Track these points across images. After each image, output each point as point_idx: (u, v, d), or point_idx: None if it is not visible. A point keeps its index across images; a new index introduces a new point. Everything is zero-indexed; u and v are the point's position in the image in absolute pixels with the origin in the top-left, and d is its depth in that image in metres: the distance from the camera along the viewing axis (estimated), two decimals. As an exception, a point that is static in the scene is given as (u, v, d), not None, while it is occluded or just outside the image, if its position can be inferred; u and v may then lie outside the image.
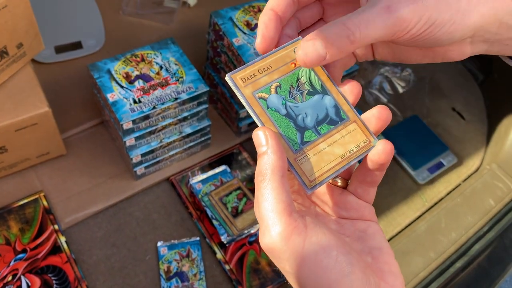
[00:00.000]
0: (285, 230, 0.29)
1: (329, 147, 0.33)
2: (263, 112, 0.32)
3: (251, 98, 0.33)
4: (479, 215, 0.81)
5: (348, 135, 0.34)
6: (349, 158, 0.33)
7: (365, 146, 0.34)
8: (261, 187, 0.30)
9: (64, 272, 0.70)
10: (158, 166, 0.80)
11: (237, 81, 0.33)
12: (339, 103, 0.35)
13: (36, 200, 0.75)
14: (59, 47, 0.90)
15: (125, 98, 0.70)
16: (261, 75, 0.33)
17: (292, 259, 0.29)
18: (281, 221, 0.30)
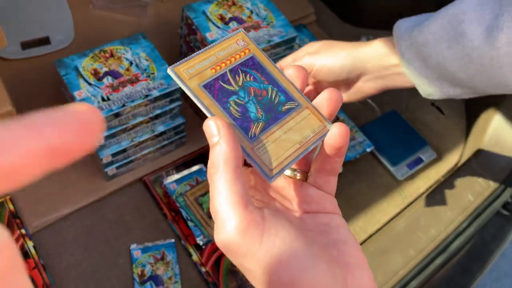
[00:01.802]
0: (241, 223, 0.28)
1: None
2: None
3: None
4: (458, 211, 0.81)
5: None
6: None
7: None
8: (214, 180, 0.29)
9: (31, 279, 0.67)
10: (131, 166, 0.77)
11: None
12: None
13: (1, 204, 0.72)
14: (26, 43, 0.86)
15: (93, 95, 0.67)
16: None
17: (250, 255, 0.28)
18: (236, 214, 0.28)
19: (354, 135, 0.89)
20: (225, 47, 0.33)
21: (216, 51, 0.33)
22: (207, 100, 0.31)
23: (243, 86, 0.33)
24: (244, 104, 0.32)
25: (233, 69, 0.33)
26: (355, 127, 0.90)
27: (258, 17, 0.76)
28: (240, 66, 0.34)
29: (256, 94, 0.33)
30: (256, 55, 0.35)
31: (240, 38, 0.34)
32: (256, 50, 0.35)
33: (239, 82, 0.33)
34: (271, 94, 0.34)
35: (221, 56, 0.33)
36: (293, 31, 0.76)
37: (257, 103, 0.33)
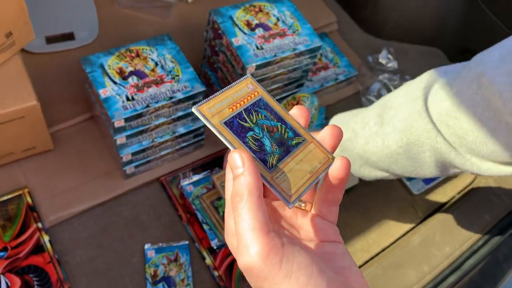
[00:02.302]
0: (263, 250, 0.31)
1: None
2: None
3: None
4: (474, 230, 0.80)
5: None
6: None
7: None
8: (238, 207, 0.32)
9: (46, 273, 0.67)
10: (149, 166, 0.78)
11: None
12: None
13: (19, 196, 0.72)
14: (50, 38, 0.87)
15: (118, 94, 0.67)
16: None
17: (270, 278, 0.31)
18: (259, 240, 0.31)
19: (372, 147, 0.88)
20: (237, 90, 0.38)
21: (231, 93, 0.38)
22: (229, 135, 0.35)
23: (257, 123, 0.37)
24: (260, 139, 0.37)
25: (247, 109, 0.38)
26: (373, 139, 0.90)
27: (284, 24, 0.77)
28: (253, 106, 0.38)
29: (269, 130, 0.37)
30: (263, 97, 0.39)
31: (249, 82, 0.39)
32: (263, 92, 0.40)
33: (253, 120, 0.37)
34: (281, 130, 0.38)
35: (235, 97, 0.38)
36: (318, 41, 0.76)
37: (270, 138, 0.37)
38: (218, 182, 0.76)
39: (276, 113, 0.39)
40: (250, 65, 0.71)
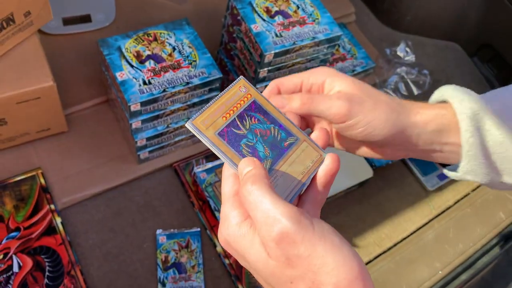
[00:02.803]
0: (295, 214, 0.33)
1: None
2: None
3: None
4: (488, 228, 0.79)
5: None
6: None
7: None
8: (255, 191, 0.34)
9: (58, 254, 0.67)
10: (162, 152, 0.77)
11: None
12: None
13: (33, 177, 0.72)
14: (67, 19, 0.86)
15: (135, 78, 0.66)
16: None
17: (307, 239, 0.32)
18: (286, 208, 0.33)
19: (388, 140, 0.87)
20: (231, 96, 0.39)
21: (224, 100, 0.38)
22: (224, 146, 0.36)
23: (250, 129, 0.38)
24: (253, 145, 0.38)
25: (240, 115, 0.38)
26: (389, 132, 0.89)
27: (304, 12, 0.75)
28: (245, 111, 0.39)
29: (262, 135, 0.38)
30: (256, 99, 0.40)
31: (242, 85, 0.40)
32: (256, 94, 0.40)
33: (246, 125, 0.38)
34: (273, 133, 0.39)
35: (229, 104, 0.38)
36: (338, 30, 0.75)
37: (263, 143, 0.38)
38: (220, 175, 0.76)
39: (268, 115, 0.40)
40: (268, 53, 0.70)
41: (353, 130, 0.44)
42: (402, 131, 0.44)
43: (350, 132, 0.45)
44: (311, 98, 0.43)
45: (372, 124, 0.43)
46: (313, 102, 0.43)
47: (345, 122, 0.44)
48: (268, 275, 0.34)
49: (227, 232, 0.36)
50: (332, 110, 0.43)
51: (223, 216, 0.37)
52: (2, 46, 0.65)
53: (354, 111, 0.43)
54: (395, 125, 0.44)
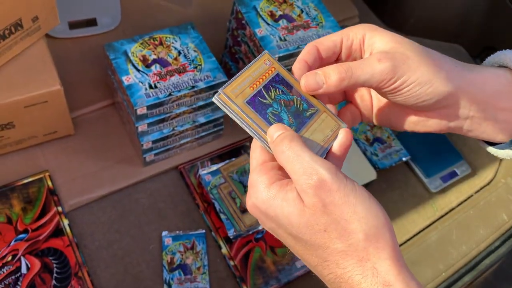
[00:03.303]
0: (331, 166, 0.35)
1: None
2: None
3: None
4: (491, 229, 0.80)
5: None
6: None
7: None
8: (294, 148, 0.36)
9: (65, 256, 0.68)
10: (168, 154, 0.78)
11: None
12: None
13: (40, 180, 0.73)
14: (73, 23, 0.87)
15: (141, 82, 0.67)
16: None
17: (341, 189, 0.34)
18: (323, 162, 0.35)
19: (391, 143, 0.88)
20: (256, 68, 0.41)
21: (250, 72, 0.40)
22: (252, 114, 0.39)
23: (275, 99, 0.41)
24: (279, 114, 0.40)
25: (265, 86, 0.41)
26: (392, 135, 0.89)
27: (308, 16, 0.76)
28: (270, 83, 0.41)
29: (286, 105, 0.41)
30: (280, 72, 0.42)
31: (266, 59, 0.42)
32: (279, 67, 0.42)
33: (271, 96, 0.40)
34: (296, 103, 0.41)
35: (255, 75, 0.41)
36: (341, 34, 0.75)
37: (287, 112, 0.40)
38: (225, 172, 0.77)
39: (291, 87, 0.42)
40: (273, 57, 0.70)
41: (399, 92, 0.40)
42: (455, 90, 0.40)
43: (395, 97, 0.41)
44: (349, 69, 0.40)
45: (420, 81, 0.39)
46: (352, 74, 0.40)
47: (390, 86, 0.40)
48: (302, 226, 0.36)
49: (256, 196, 0.38)
50: (376, 77, 0.39)
51: (251, 183, 0.38)
52: (10, 51, 0.66)
53: (399, 72, 0.39)
54: (446, 82, 0.40)
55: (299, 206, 0.35)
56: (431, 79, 0.39)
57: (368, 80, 0.39)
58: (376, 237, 0.34)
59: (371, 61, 0.40)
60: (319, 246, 0.35)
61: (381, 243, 0.34)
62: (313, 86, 0.41)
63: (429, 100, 0.40)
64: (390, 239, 0.34)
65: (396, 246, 0.35)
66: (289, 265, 0.74)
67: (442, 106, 0.41)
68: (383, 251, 0.34)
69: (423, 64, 0.39)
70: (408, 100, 0.41)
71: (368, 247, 0.34)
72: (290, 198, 0.36)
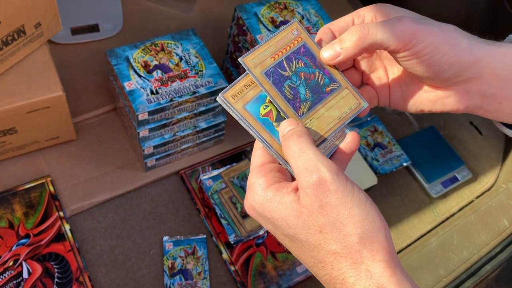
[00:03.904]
0: (333, 166, 0.35)
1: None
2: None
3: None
4: (492, 235, 0.80)
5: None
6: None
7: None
8: (301, 143, 0.36)
9: (66, 261, 0.68)
10: (169, 159, 0.78)
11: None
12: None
13: (42, 185, 0.73)
14: (76, 29, 0.88)
15: (142, 88, 0.68)
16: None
17: (340, 190, 0.34)
18: (327, 161, 0.35)
19: (392, 148, 0.88)
20: (282, 37, 0.40)
21: (275, 41, 0.39)
22: (267, 85, 0.38)
23: (295, 71, 0.39)
24: (296, 87, 0.39)
25: (288, 57, 0.39)
26: (393, 140, 0.89)
27: (309, 22, 0.76)
28: (294, 54, 0.40)
29: (306, 78, 0.40)
30: (306, 42, 0.41)
31: (294, 28, 0.41)
32: (307, 38, 0.41)
33: (292, 68, 0.39)
34: (317, 77, 0.40)
35: (279, 45, 0.39)
36: (342, 40, 0.76)
37: (306, 86, 0.39)
38: (226, 177, 0.77)
39: (316, 59, 0.40)
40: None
41: (420, 60, 0.38)
42: (476, 60, 0.39)
43: (415, 66, 0.39)
44: (366, 27, 0.38)
45: (441, 49, 0.38)
46: (369, 32, 0.38)
47: (410, 49, 0.38)
48: (299, 227, 0.36)
49: (253, 199, 0.38)
50: (396, 36, 0.37)
51: (249, 185, 0.39)
52: (13, 57, 0.67)
53: (421, 34, 0.37)
54: (468, 51, 0.38)
55: (296, 208, 0.36)
56: (453, 48, 0.38)
57: (387, 40, 0.37)
58: (370, 240, 0.34)
59: (392, 20, 0.38)
60: (314, 247, 0.36)
61: (375, 246, 0.34)
62: (331, 54, 0.40)
63: (449, 71, 0.39)
64: (385, 242, 0.35)
65: (391, 249, 0.35)
66: (289, 270, 0.74)
67: (462, 80, 0.40)
68: (377, 254, 0.34)
69: (445, 32, 0.38)
70: (428, 70, 0.39)
71: (362, 250, 0.34)
72: (287, 201, 0.36)
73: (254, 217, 0.40)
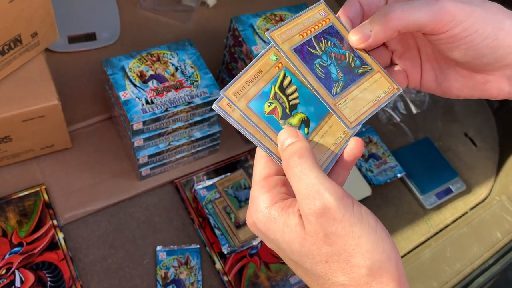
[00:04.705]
0: (338, 192, 0.32)
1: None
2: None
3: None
4: (485, 247, 0.80)
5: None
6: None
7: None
8: (300, 163, 0.33)
9: (59, 269, 0.68)
10: (164, 168, 0.79)
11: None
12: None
13: (36, 193, 0.73)
14: (73, 37, 0.89)
15: (138, 97, 0.68)
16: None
17: (346, 218, 0.32)
18: (332, 185, 0.32)
19: (386, 159, 0.89)
20: (309, 16, 0.38)
21: (303, 19, 0.38)
22: (297, 62, 0.36)
23: (325, 51, 0.37)
24: (327, 66, 0.37)
25: (317, 36, 0.38)
26: (388, 151, 0.90)
27: (304, 34, 0.77)
28: (323, 34, 0.38)
29: (336, 58, 0.38)
30: (335, 24, 0.39)
31: (322, 9, 0.39)
32: (334, 20, 0.39)
33: (322, 47, 0.37)
34: (348, 59, 0.38)
35: (307, 24, 0.38)
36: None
37: (337, 66, 0.37)
38: (220, 187, 0.77)
39: (346, 41, 0.39)
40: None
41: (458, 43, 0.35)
42: None
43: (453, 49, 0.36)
44: (399, 7, 0.34)
45: (482, 31, 0.34)
46: (402, 13, 0.34)
47: (447, 31, 0.34)
48: (303, 255, 0.34)
49: (256, 216, 0.35)
50: (433, 16, 0.34)
51: (252, 200, 0.36)
52: (9, 66, 0.67)
53: (460, 15, 0.34)
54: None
55: (300, 234, 0.33)
56: (495, 30, 0.34)
57: (423, 21, 0.34)
58: (380, 272, 0.32)
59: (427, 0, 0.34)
60: (320, 276, 0.34)
61: (385, 277, 0.32)
62: (361, 37, 0.37)
63: (490, 55, 0.35)
64: (396, 273, 0.32)
65: (402, 279, 0.33)
66: (283, 281, 0.74)
67: (504, 65, 0.36)
68: (387, 286, 0.32)
69: (487, 12, 0.34)
70: (467, 54, 0.35)
71: (371, 282, 0.32)
72: (292, 224, 0.33)
73: (257, 234, 0.37)
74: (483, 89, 0.39)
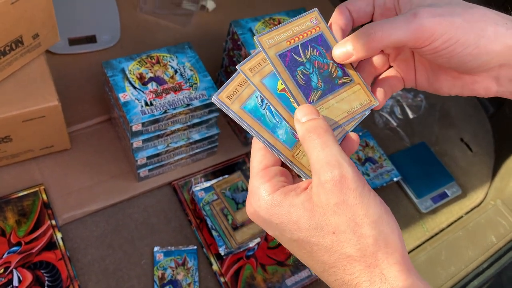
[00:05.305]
0: (356, 168, 0.34)
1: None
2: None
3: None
4: (480, 251, 0.81)
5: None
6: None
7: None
8: (327, 138, 0.35)
9: (57, 269, 0.69)
10: (162, 170, 0.79)
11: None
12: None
13: (35, 193, 0.74)
14: (73, 40, 0.89)
15: (137, 99, 0.69)
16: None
17: (360, 189, 0.33)
18: (351, 161, 0.34)
19: (383, 163, 0.89)
20: (300, 23, 0.39)
21: (293, 26, 0.39)
22: (280, 67, 0.37)
23: (309, 59, 0.39)
24: (309, 74, 0.39)
25: (304, 44, 0.39)
26: (384, 155, 0.91)
27: (302, 39, 0.78)
28: (310, 42, 0.39)
29: (319, 67, 0.39)
30: (324, 33, 0.40)
31: (314, 16, 0.40)
32: (325, 29, 0.40)
33: (307, 55, 0.39)
34: (331, 69, 0.39)
35: (296, 31, 0.39)
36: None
37: (318, 75, 0.39)
38: (218, 189, 0.78)
39: (331, 51, 0.40)
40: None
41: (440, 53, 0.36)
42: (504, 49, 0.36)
43: (437, 58, 0.37)
44: (379, 28, 0.36)
45: (463, 41, 0.35)
46: (382, 34, 0.36)
47: (428, 45, 0.36)
48: (312, 228, 0.34)
49: (258, 204, 0.36)
50: (411, 34, 0.35)
51: (252, 190, 0.37)
52: (10, 66, 0.68)
53: (439, 29, 0.35)
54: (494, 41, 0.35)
55: (308, 207, 0.34)
56: (477, 38, 0.35)
57: (402, 39, 0.35)
58: (385, 242, 0.33)
59: (406, 17, 0.35)
60: (326, 250, 0.34)
61: (390, 248, 0.33)
62: (343, 54, 0.38)
63: (473, 61, 0.36)
64: (400, 244, 0.33)
65: (404, 252, 0.34)
66: (279, 283, 0.74)
67: (491, 68, 0.37)
68: (392, 256, 0.33)
69: (469, 21, 0.35)
70: (450, 61, 0.37)
71: (377, 252, 0.33)
72: (298, 202, 0.35)
73: (257, 223, 0.38)
74: (471, 88, 0.40)
